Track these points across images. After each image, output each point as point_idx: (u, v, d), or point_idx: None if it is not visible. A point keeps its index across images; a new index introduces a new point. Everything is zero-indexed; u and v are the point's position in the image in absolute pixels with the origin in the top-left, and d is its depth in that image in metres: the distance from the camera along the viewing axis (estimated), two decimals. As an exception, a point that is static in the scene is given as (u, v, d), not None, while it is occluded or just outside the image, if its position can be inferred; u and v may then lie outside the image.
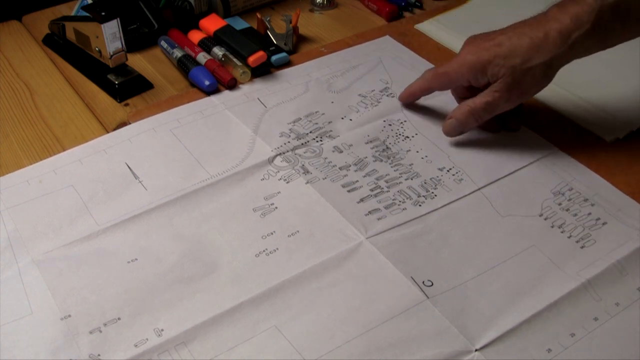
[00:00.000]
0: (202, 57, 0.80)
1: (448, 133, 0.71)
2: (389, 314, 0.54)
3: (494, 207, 0.64)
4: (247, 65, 0.79)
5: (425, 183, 0.66)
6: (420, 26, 0.90)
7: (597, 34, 0.63)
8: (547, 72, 0.65)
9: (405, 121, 0.74)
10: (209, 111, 0.74)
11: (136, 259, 0.58)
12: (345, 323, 0.54)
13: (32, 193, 0.64)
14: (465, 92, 0.72)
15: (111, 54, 0.75)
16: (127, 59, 0.77)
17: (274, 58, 0.82)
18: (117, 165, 0.67)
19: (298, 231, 0.61)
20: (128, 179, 0.66)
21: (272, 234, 0.61)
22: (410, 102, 0.76)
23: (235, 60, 0.79)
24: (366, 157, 0.69)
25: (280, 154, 0.69)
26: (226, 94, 0.77)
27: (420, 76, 0.73)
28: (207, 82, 0.76)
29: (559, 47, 0.64)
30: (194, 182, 0.65)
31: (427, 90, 0.73)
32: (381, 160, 0.69)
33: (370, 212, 0.63)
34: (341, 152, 0.70)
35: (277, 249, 0.59)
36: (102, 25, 0.72)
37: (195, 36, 0.83)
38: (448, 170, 0.68)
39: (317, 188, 0.65)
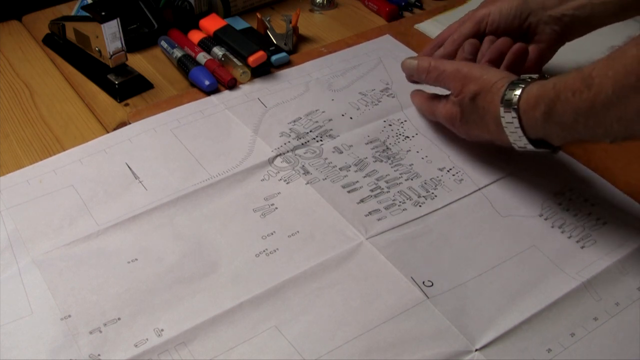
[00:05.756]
0: (202, 57, 0.80)
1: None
2: (389, 314, 0.54)
3: (494, 207, 0.64)
4: (247, 65, 0.79)
5: (425, 183, 0.66)
6: (420, 26, 0.90)
7: None
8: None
9: (405, 121, 0.74)
10: (209, 111, 0.74)
11: (136, 259, 0.58)
12: (345, 323, 0.54)
13: (32, 193, 0.64)
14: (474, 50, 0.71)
15: (111, 54, 0.75)
16: (127, 59, 0.77)
17: (274, 58, 0.82)
18: (117, 165, 0.67)
19: (298, 231, 0.61)
20: (128, 179, 0.66)
21: (272, 234, 0.61)
22: (445, 55, 0.73)
23: (235, 60, 0.79)
24: (366, 158, 0.69)
25: (280, 154, 0.69)
26: (226, 94, 0.77)
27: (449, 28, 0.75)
28: (207, 82, 0.76)
29: None
30: (194, 182, 0.65)
31: (465, 37, 0.72)
32: (381, 161, 0.69)
33: (370, 213, 0.63)
34: (341, 152, 0.70)
35: (277, 249, 0.59)
36: (102, 25, 0.72)
37: (195, 36, 0.83)
38: (448, 171, 0.68)
39: (317, 189, 0.65)
